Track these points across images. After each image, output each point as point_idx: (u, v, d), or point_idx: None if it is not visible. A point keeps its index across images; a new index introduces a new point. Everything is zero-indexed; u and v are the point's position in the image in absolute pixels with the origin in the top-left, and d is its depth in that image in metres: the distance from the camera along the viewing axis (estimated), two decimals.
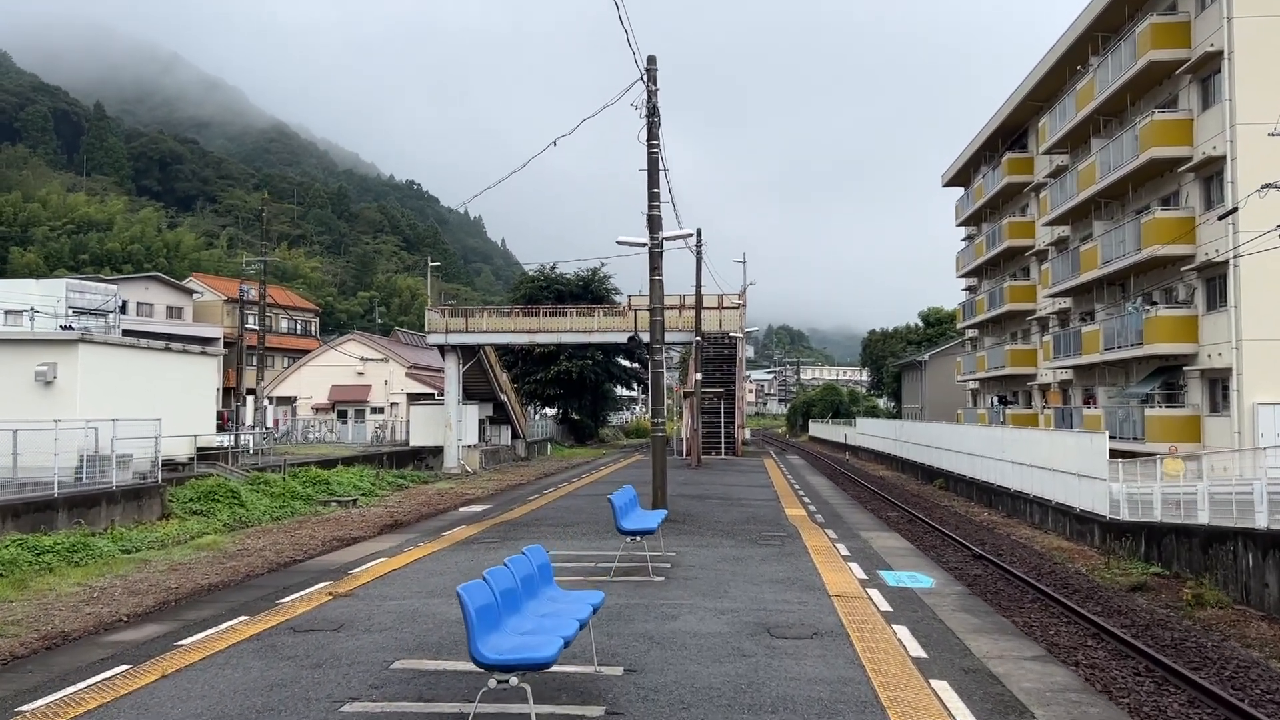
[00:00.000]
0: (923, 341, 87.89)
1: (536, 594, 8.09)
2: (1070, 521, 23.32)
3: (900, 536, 20.28)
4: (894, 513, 27.56)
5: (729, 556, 15.39)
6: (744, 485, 30.66)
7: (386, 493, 33.08)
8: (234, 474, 29.05)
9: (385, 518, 26.01)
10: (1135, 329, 32.55)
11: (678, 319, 46.01)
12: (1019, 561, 18.64)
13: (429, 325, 45.63)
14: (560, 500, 26.29)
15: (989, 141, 52.15)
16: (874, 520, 23.67)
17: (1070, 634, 12.60)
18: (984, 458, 32.04)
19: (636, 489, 24.05)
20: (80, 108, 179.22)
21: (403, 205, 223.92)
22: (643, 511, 15.17)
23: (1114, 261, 34.41)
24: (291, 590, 13.41)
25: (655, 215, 17.60)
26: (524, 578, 7.92)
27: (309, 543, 21.29)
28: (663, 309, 18.13)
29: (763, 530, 18.85)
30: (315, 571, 15.43)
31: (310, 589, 13.36)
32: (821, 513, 23.18)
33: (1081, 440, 23.02)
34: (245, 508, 25.55)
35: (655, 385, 20.31)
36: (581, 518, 20.99)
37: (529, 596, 7.83)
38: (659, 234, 17.63)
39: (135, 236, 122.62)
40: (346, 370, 58.62)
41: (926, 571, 14.85)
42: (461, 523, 21.44)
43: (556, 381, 67.12)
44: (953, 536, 22.05)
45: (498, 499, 28.89)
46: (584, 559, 15.11)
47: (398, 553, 16.68)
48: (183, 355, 30.30)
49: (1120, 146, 34.11)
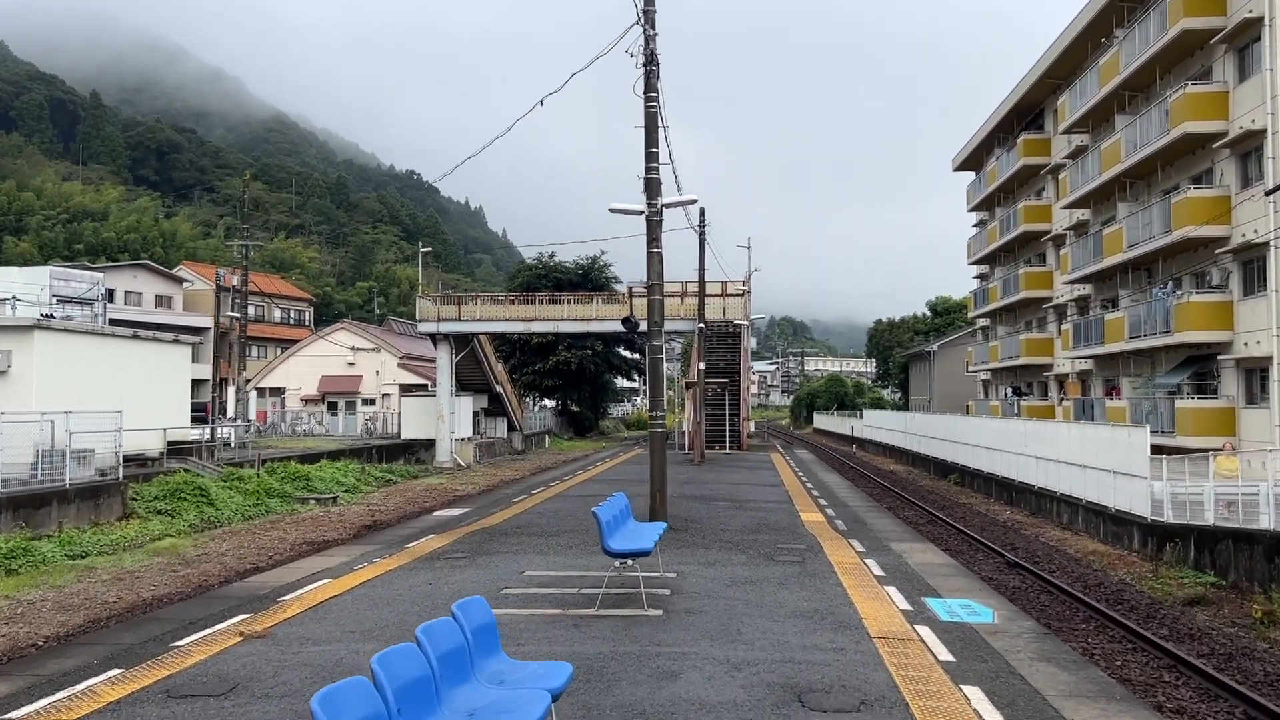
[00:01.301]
0: (930, 331, 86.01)
1: (469, 674, 5.34)
2: (1105, 523, 21.51)
3: (937, 549, 17.77)
4: (912, 512, 25.72)
5: (740, 578, 13.03)
6: (752, 484, 28.43)
7: (371, 489, 31.32)
8: (207, 470, 27.30)
9: (365, 517, 24.27)
10: (1164, 316, 30.70)
11: (679, 307, 44.15)
12: (1059, 571, 16.82)
13: (420, 313, 43.79)
14: (548, 502, 23.87)
15: (1003, 123, 50.19)
16: (901, 527, 21.03)
17: (1142, 665, 10.81)
18: (1004, 452, 30.21)
19: (634, 489, 21.19)
20: (77, 96, 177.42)
21: (402, 195, 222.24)
22: (636, 525, 12.93)
23: (1140, 245, 32.54)
24: (198, 626, 10.90)
25: (653, 179, 15.60)
26: (445, 655, 5.11)
27: (276, 547, 19.54)
28: (661, 286, 16.06)
29: (778, 541, 16.50)
30: (239, 598, 12.76)
31: (221, 625, 10.86)
32: (841, 517, 20.85)
33: (1118, 434, 21.19)
34: (215, 506, 23.80)
35: (653, 373, 17.75)
36: (570, 524, 18.66)
37: (455, 680, 5.12)
38: (657, 200, 15.57)
39: (131, 226, 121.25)
40: (337, 360, 56.76)
41: (980, 598, 12.44)
42: (433, 530, 19.05)
43: (555, 372, 65.34)
44: (982, 541, 20.18)
45: (483, 498, 26.87)
46: (566, 582, 12.75)
47: (346, 571, 14.16)
48: (153, 343, 28.53)
49: (1148, 123, 32.22)
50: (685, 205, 16.66)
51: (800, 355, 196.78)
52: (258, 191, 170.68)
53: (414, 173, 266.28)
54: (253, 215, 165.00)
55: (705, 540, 16.44)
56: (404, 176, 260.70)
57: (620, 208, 16.01)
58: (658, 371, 17.63)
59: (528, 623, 10.41)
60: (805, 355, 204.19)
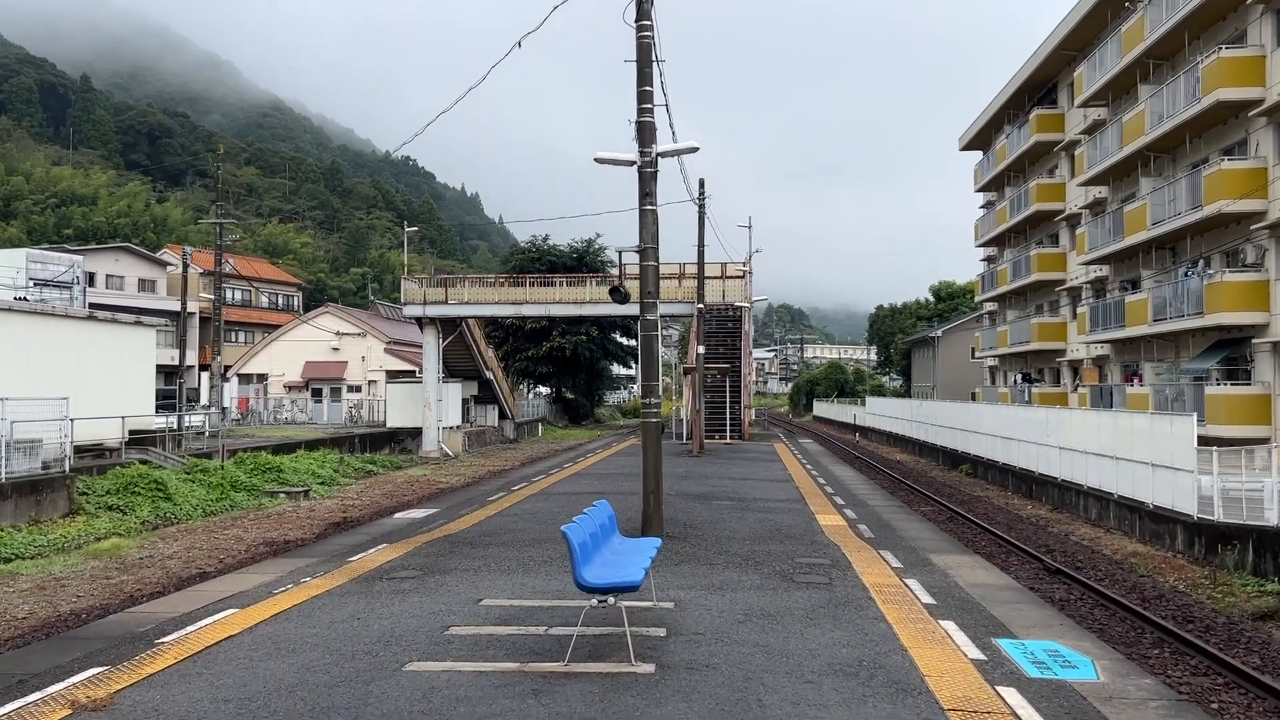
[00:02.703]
0: (934, 317, 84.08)
1: None
2: (1141, 520, 19.66)
3: (987, 563, 15.25)
4: (929, 507, 23.83)
5: (755, 609, 10.11)
6: (757, 479, 25.84)
7: (349, 481, 29.47)
8: (171, 461, 25.41)
9: (337, 513, 22.41)
10: (1193, 297, 28.82)
11: (677, 289, 42.27)
12: (1108, 580, 14.94)
13: (405, 295, 41.84)
14: (529, 501, 20.89)
15: (1014, 99, 48.19)
16: (934, 533, 18.46)
17: (1239, 703, 8.96)
18: (1022, 442, 28.38)
19: (627, 486, 18.87)
20: (68, 80, 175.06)
21: (398, 181, 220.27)
22: (623, 543, 10.37)
23: (1165, 222, 30.63)
24: (27, 687, 7.89)
25: (646, 123, 13.44)
26: None
27: (230, 549, 17.69)
28: (655, 251, 13.97)
29: (795, 553, 13.75)
30: (109, 639, 9.97)
31: (58, 686, 7.83)
32: (864, 520, 18.30)
33: (1158, 424, 19.32)
34: (172, 502, 21.94)
35: (646, 354, 15.22)
36: (549, 530, 15.61)
37: None
38: (651, 148, 13.44)
39: (122, 211, 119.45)
40: (321, 345, 54.73)
41: (1068, 639, 9.77)
42: (390, 537, 16.21)
43: (549, 359, 63.42)
44: (1014, 543, 18.23)
45: (461, 494, 24.53)
46: (532, 616, 9.81)
47: (262, 596, 11.23)
48: (113, 325, 26.62)
49: (1175, 92, 30.28)
50: (684, 153, 14.39)
51: (800, 341, 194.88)
52: (251, 176, 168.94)
53: (409, 158, 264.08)
54: (247, 200, 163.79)
55: (709, 552, 13.77)
56: (399, 162, 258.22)
57: (608, 157, 13.93)
58: (651, 352, 15.17)
59: (471, 687, 7.48)
60: (805, 342, 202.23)
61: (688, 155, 15.95)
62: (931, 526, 19.46)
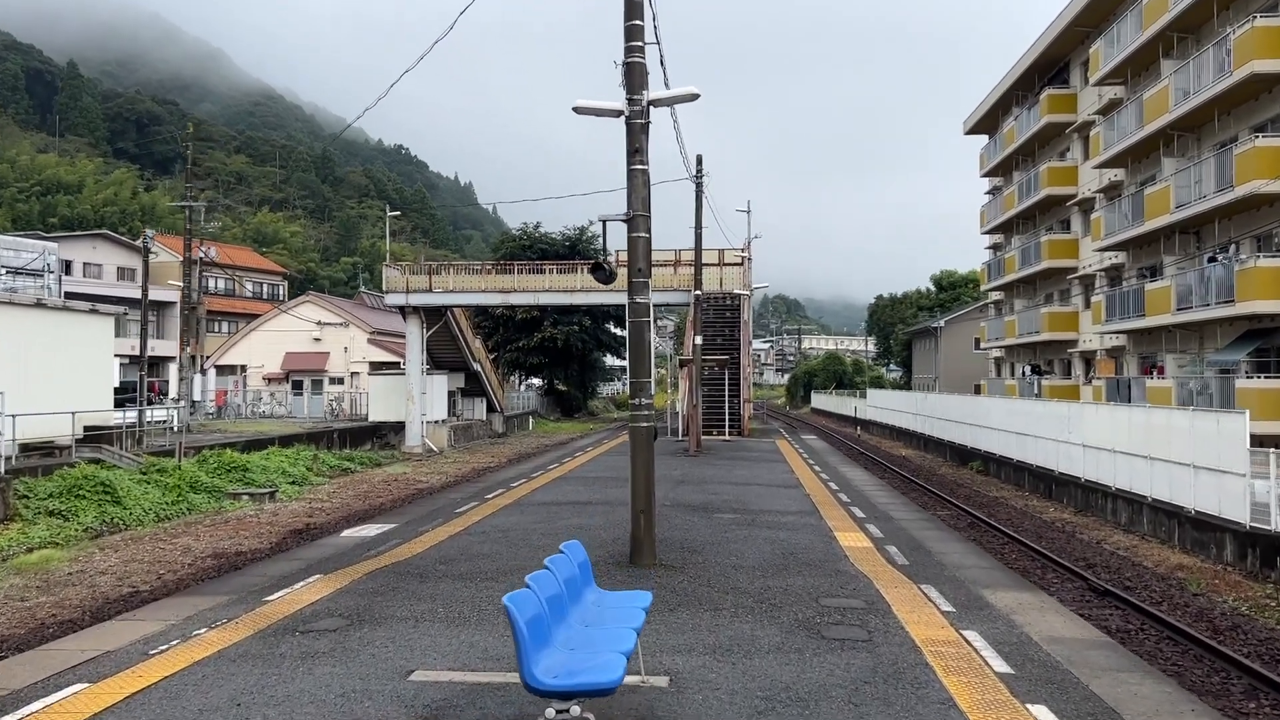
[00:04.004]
0: (935, 307, 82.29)
1: None
2: (1181, 527, 17.90)
3: (1052, 600, 12.05)
4: (947, 511, 22.00)
5: (778, 689, 7.58)
6: (763, 483, 23.01)
7: (322, 480, 27.62)
8: (125, 460, 23.55)
9: (301, 518, 20.60)
10: (1223, 283, 27.02)
11: (673, 277, 40.43)
12: (1166, 603, 13.12)
13: (387, 283, 39.86)
14: (502, 514, 17.76)
15: (1023, 79, 46.28)
16: (977, 556, 15.28)
17: None
18: (1040, 438, 26.62)
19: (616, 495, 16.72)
20: (55, 67, 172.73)
21: (391, 170, 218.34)
22: (599, 602, 7.87)
23: (1191, 205, 28.82)
24: None
25: (636, 64, 11.30)
26: None
27: (175, 561, 15.87)
28: (646, 220, 11.80)
29: (819, 591, 11.07)
30: None
31: None
32: (891, 538, 15.42)
33: (1201, 421, 17.53)
34: (121, 505, 20.06)
35: (635, 342, 12.79)
36: (520, 559, 12.81)
37: None
38: (641, 94, 11.30)
39: (109, 199, 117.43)
40: (302, 336, 52.65)
41: None
42: (322, 567, 13.14)
43: (540, 350, 61.55)
44: (1048, 555, 16.30)
45: (424, 505, 22.19)
46: (477, 699, 7.36)
47: (124, 665, 8.42)
48: (65, 314, 24.74)
49: (1202, 65, 28.45)
50: (682, 101, 12.02)
51: (798, 332, 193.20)
52: (241, 165, 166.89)
53: (402, 147, 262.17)
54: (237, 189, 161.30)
55: (712, 590, 11.06)
56: (392, 151, 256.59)
57: (590, 106, 11.65)
58: (641, 341, 12.60)
59: None
60: (802, 332, 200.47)
61: (685, 140, 14.06)
62: (971, 546, 16.47)
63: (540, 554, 12.60)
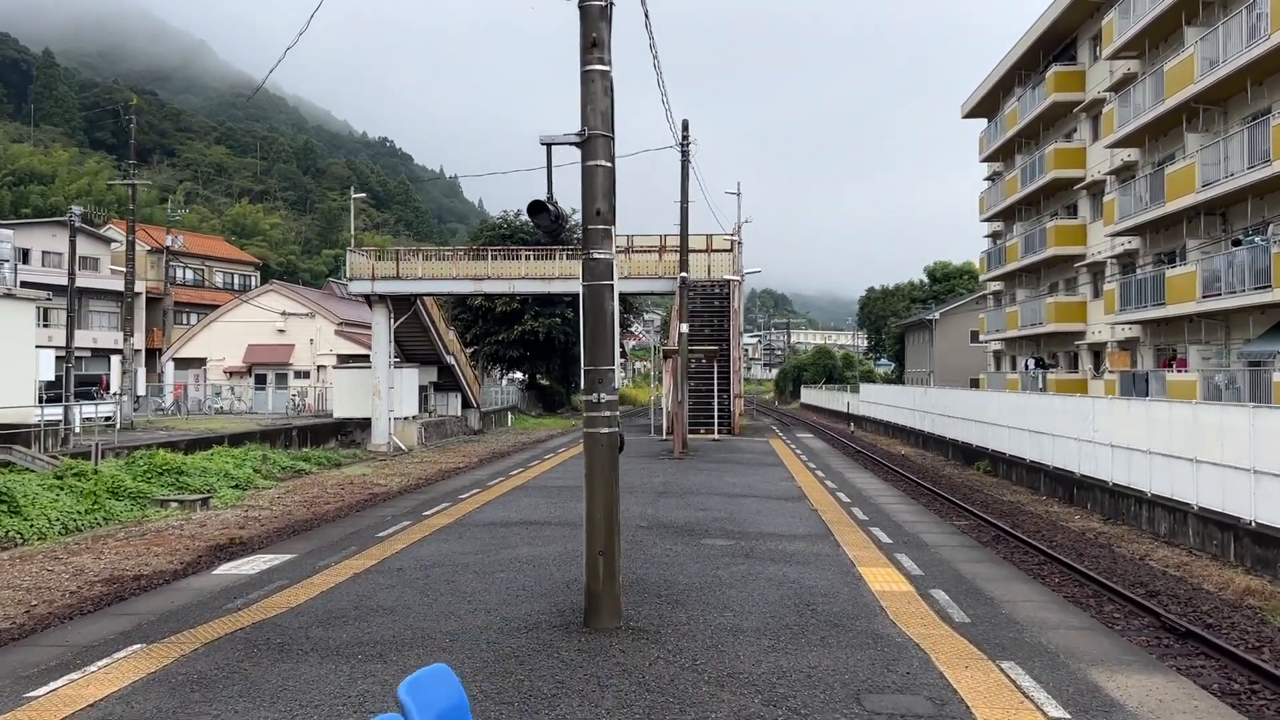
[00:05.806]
0: (929, 299, 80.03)
1: None
2: (1240, 541, 15.54)
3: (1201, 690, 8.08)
4: (965, 520, 19.55)
5: None
6: (759, 494, 19.99)
7: (270, 484, 25.05)
8: (38, 462, 20.99)
9: (231, 529, 18.05)
10: (1255, 268, 24.75)
11: (656, 264, 37.94)
12: (1253, 640, 10.72)
13: (351, 270, 37.26)
14: (434, 540, 14.67)
15: (1026, 57, 43.92)
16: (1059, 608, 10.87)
17: None
18: (1057, 436, 24.30)
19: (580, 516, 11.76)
20: (31, 56, 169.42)
21: (374, 163, 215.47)
22: None
23: (1219, 183, 26.53)
24: None
25: None
26: None
27: (58, 588, 13.34)
28: (608, 141, 8.62)
29: (858, 678, 7.81)
30: None
31: None
32: (936, 577, 11.90)
33: (1265, 419, 15.16)
34: (22, 515, 17.49)
35: (592, 311, 9.16)
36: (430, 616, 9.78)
37: None
38: None
39: (83, 190, 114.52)
40: (266, 327, 49.84)
41: None
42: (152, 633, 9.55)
43: (521, 342, 58.98)
44: (1103, 582, 13.50)
45: (351, 522, 19.59)
46: None
47: None
48: None
49: (1230, 32, 26.16)
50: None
51: (787, 325, 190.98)
52: (220, 156, 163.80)
53: (386, 139, 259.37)
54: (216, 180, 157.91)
55: (698, 680, 7.73)
56: (376, 144, 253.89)
57: None
58: (601, 312, 9.12)
59: None
60: (792, 326, 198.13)
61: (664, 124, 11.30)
62: (1038, 588, 12.27)
63: (464, 606, 9.85)
